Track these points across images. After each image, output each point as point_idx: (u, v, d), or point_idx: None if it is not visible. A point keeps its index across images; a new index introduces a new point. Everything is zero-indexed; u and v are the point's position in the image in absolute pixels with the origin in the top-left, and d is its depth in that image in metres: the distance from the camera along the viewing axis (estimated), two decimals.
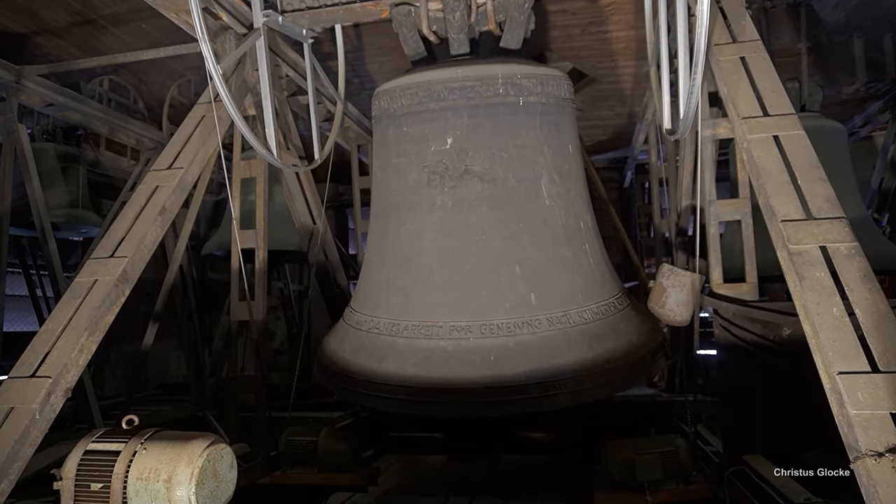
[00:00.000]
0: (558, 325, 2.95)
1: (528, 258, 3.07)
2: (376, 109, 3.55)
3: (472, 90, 3.21)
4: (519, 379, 2.79)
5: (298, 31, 3.63)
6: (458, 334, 2.92)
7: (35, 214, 5.12)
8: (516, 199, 3.16)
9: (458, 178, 3.16)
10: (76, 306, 2.72)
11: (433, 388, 2.87)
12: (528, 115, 3.25)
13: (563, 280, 3.11)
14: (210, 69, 2.73)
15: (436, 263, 3.12)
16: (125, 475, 2.22)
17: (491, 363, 2.82)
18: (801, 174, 2.53)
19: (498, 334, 2.90)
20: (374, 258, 3.49)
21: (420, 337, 2.99)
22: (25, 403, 2.42)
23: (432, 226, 3.17)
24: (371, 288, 3.41)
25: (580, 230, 3.29)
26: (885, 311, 2.10)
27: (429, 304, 3.07)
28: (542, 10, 4.86)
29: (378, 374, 2.97)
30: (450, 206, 3.16)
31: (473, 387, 2.82)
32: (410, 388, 2.88)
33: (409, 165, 3.31)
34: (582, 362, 2.84)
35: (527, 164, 3.22)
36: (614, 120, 7.35)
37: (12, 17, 5.15)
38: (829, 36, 5.39)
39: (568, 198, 3.28)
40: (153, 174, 3.23)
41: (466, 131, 3.21)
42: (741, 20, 3.11)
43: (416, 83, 3.32)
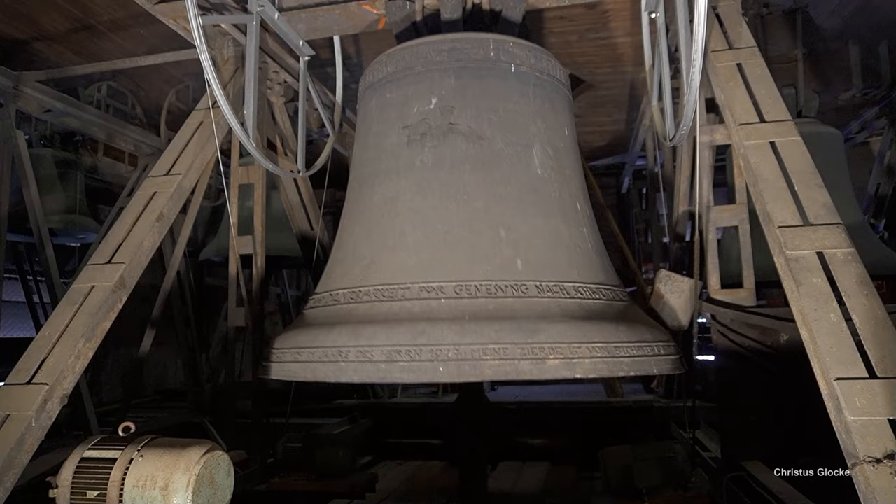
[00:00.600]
0: (550, 295, 2.46)
1: (516, 224, 2.62)
2: (361, 86, 3.27)
3: (462, 52, 2.93)
4: (499, 339, 2.28)
5: (295, 40, 3.64)
6: (428, 294, 2.43)
7: (32, 220, 5.12)
8: (504, 162, 2.75)
9: (440, 137, 2.78)
10: (73, 312, 2.72)
11: (393, 351, 2.34)
12: (521, 83, 2.96)
13: (556, 253, 2.65)
14: (208, 75, 2.74)
15: (409, 225, 2.66)
16: (121, 483, 2.21)
17: (466, 323, 2.32)
18: (798, 180, 2.54)
19: (476, 295, 2.40)
20: (341, 235, 3.04)
21: (382, 300, 2.50)
22: (21, 410, 2.41)
23: (409, 187, 2.75)
24: (335, 265, 2.95)
25: (577, 211, 2.89)
26: (882, 316, 2.10)
27: (396, 267, 2.58)
28: (540, 16, 4.88)
29: (328, 343, 2.43)
30: (430, 165, 2.75)
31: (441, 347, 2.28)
32: (364, 351, 2.36)
33: (390, 130, 2.95)
34: (578, 331, 2.32)
35: (518, 129, 2.84)
36: (612, 126, 7.38)
37: (11, 22, 5.16)
38: (826, 42, 5.43)
39: (563, 175, 2.91)
40: (151, 180, 3.23)
41: (453, 91, 2.86)
42: (737, 27, 3.12)
43: (403, 48, 3.06)
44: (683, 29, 2.69)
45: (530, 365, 2.20)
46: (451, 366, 2.21)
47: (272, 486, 3.80)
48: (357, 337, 2.36)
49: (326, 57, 4.59)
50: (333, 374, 2.35)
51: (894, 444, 1.82)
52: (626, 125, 7.25)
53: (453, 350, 2.22)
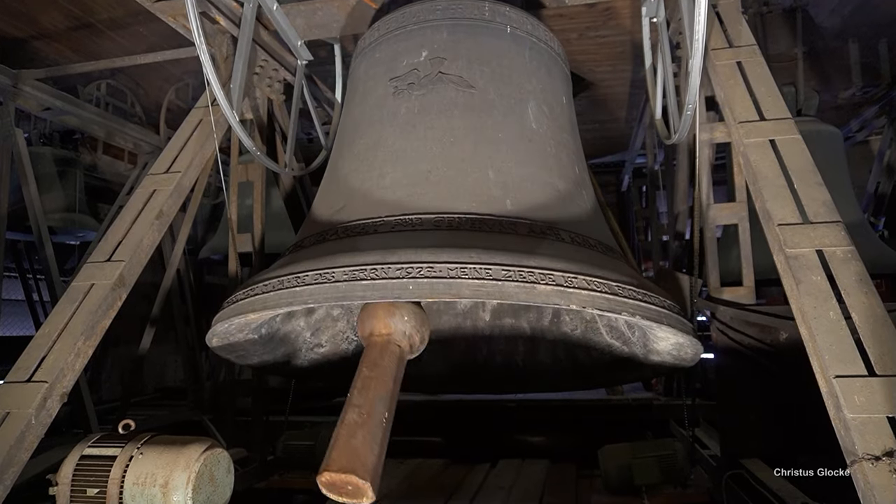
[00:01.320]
0: (541, 234, 2.21)
1: (507, 168, 2.42)
2: (354, 55, 3.13)
3: (456, 10, 2.81)
4: (483, 259, 1.96)
5: (294, 40, 3.64)
6: (404, 227, 2.21)
7: (32, 218, 5.12)
8: (496, 111, 2.56)
9: (429, 86, 2.60)
10: (73, 310, 2.72)
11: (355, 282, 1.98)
12: (516, 43, 2.81)
13: (551, 202, 2.41)
14: (207, 73, 2.74)
15: (388, 166, 2.46)
16: (121, 480, 2.22)
17: (444, 246, 2.02)
18: (798, 178, 2.54)
19: (458, 227, 2.16)
20: (318, 194, 2.83)
21: (352, 235, 2.26)
22: (21, 408, 2.41)
23: (392, 132, 2.56)
24: (305, 222, 2.76)
25: (575, 172, 2.65)
26: (881, 314, 2.10)
27: (371, 205, 2.34)
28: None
29: (283, 273, 2.12)
30: (416, 111, 2.57)
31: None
32: (334, 280, 2.00)
33: (377, 85, 2.76)
34: (575, 266, 1.98)
35: (511, 83, 2.67)
36: (612, 124, 7.37)
37: (10, 21, 5.15)
38: (825, 41, 5.43)
39: (560, 137, 2.70)
40: (150, 178, 3.22)
41: (444, 44, 2.71)
42: (737, 25, 3.12)
43: (396, 11, 2.95)
44: (688, 28, 2.69)
45: (517, 288, 1.87)
46: (423, 283, 1.88)
47: (272, 483, 3.81)
48: (317, 262, 2.06)
49: (326, 55, 4.59)
50: (287, 300, 2.02)
51: (893, 442, 1.82)
52: (626, 123, 7.25)
53: (427, 268, 1.91)
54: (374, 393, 1.96)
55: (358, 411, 1.88)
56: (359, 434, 1.81)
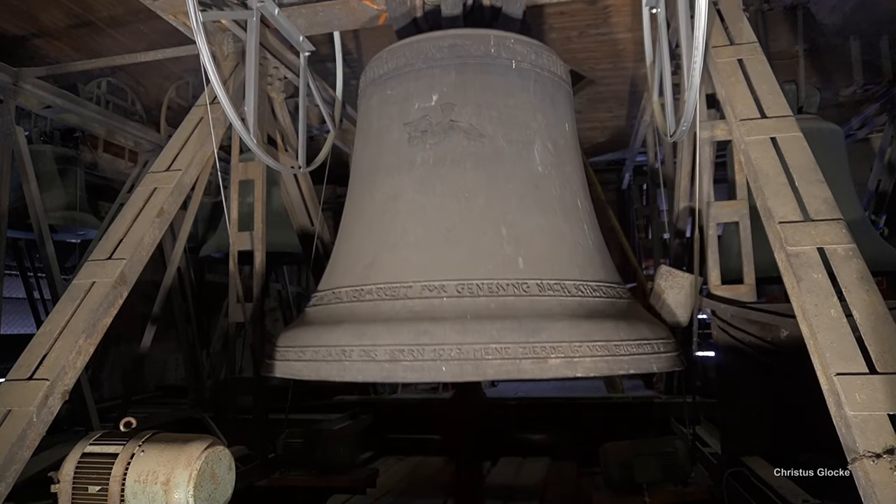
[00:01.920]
0: (551, 293, 2.48)
1: (517, 221, 2.64)
2: (363, 82, 3.27)
3: (462, 48, 2.92)
4: (500, 339, 2.30)
5: (295, 36, 3.63)
6: (430, 293, 2.45)
7: (32, 216, 5.12)
8: (505, 159, 2.77)
9: (441, 134, 2.79)
10: (74, 308, 2.72)
11: (397, 350, 2.36)
12: (521, 79, 2.95)
13: (557, 250, 2.66)
14: (208, 71, 2.73)
15: (410, 223, 2.69)
16: (123, 477, 2.22)
17: (468, 322, 2.33)
18: (799, 176, 2.54)
19: (477, 294, 2.41)
20: (344, 232, 3.05)
21: (385, 298, 2.52)
22: (23, 406, 2.42)
23: (410, 184, 2.77)
24: (337, 262, 2.96)
25: (577, 207, 2.89)
26: (882, 312, 2.10)
27: (398, 265, 2.60)
28: (541, 12, 4.87)
29: (332, 342, 2.45)
30: (431, 162, 2.77)
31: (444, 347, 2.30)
32: (368, 350, 2.38)
33: (390, 126, 2.95)
34: (579, 330, 2.32)
35: (518, 125, 2.86)
36: (612, 122, 7.37)
37: (10, 19, 5.15)
38: (827, 38, 5.42)
39: (564, 172, 2.92)
40: (151, 176, 3.22)
41: (454, 88, 2.88)
42: (738, 22, 3.11)
43: (403, 44, 3.06)
44: (684, 25, 2.68)
45: (532, 364, 2.22)
46: (454, 365, 2.23)
47: (273, 481, 3.81)
48: (360, 336, 2.39)
49: (326, 52, 4.58)
50: (337, 373, 2.38)
51: (894, 439, 1.83)
52: (626, 121, 7.24)
53: (456, 349, 2.25)
54: None
55: None
56: None
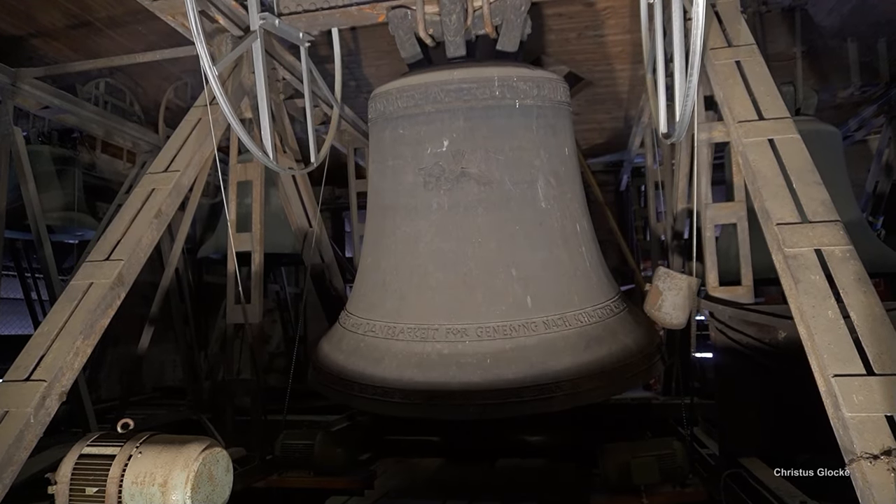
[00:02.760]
0: (555, 329, 2.95)
1: (524, 261, 3.07)
2: (372, 112, 3.54)
3: (469, 92, 3.21)
4: (516, 381, 2.80)
5: (295, 34, 3.63)
6: (455, 337, 2.93)
7: (30, 217, 5.11)
8: (512, 202, 3.15)
9: (454, 181, 3.16)
10: (71, 309, 2.71)
11: (430, 391, 2.89)
12: (525, 117, 3.25)
13: (559, 283, 3.11)
14: (206, 72, 2.73)
15: (432, 265, 3.12)
16: (120, 479, 2.21)
17: (487, 366, 2.83)
18: (797, 178, 2.54)
19: (494, 337, 2.91)
20: (370, 261, 3.47)
21: (416, 339, 2.99)
22: (20, 407, 2.41)
23: (429, 228, 3.18)
24: (367, 291, 3.40)
25: (576, 233, 3.28)
26: (879, 313, 2.11)
27: (425, 307, 3.07)
28: (539, 14, 4.87)
29: (375, 378, 2.98)
30: (446, 208, 3.16)
31: (470, 389, 2.84)
32: (407, 391, 2.90)
33: (405, 168, 3.30)
34: (579, 365, 2.84)
35: (523, 166, 3.21)
36: (610, 123, 7.37)
37: (8, 19, 5.14)
38: (824, 40, 5.42)
39: (564, 200, 3.28)
40: (149, 177, 3.22)
41: (462, 133, 3.21)
42: (736, 24, 3.12)
43: (412, 85, 3.32)
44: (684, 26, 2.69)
45: (542, 404, 2.80)
46: (479, 408, 2.81)
47: (271, 482, 3.80)
48: (400, 379, 2.92)
49: (325, 54, 4.58)
50: (380, 409, 3.00)
51: (891, 441, 1.83)
52: (624, 123, 7.24)
53: (479, 396, 2.76)
54: None
55: None
56: None
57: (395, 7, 3.43)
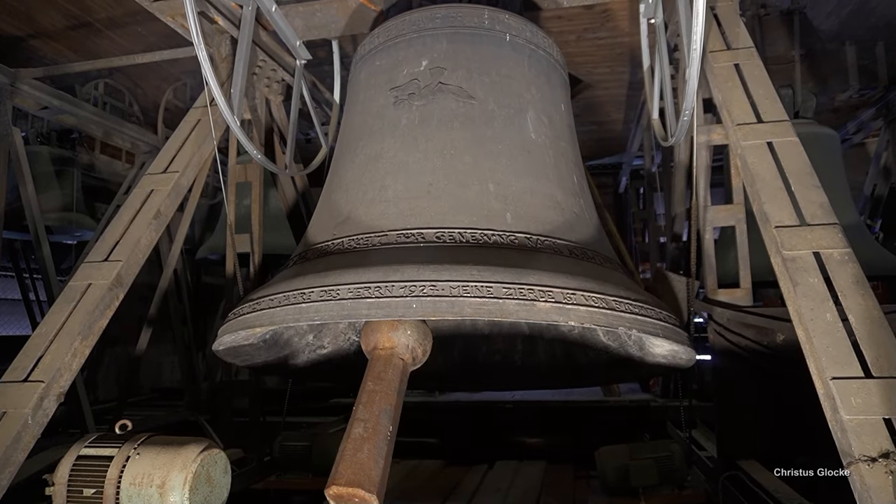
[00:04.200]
0: (540, 246, 2.29)
1: (507, 180, 2.48)
2: (353, 63, 3.18)
3: (456, 18, 2.85)
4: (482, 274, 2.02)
5: (293, 41, 3.63)
6: (406, 240, 2.27)
7: (29, 218, 5.11)
8: (496, 122, 2.61)
9: (429, 96, 2.65)
10: (70, 310, 2.71)
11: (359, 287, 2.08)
12: (515, 52, 2.86)
13: (550, 213, 2.47)
14: (205, 73, 2.73)
15: (390, 178, 2.51)
16: (118, 480, 2.21)
17: (445, 266, 2.06)
18: (795, 180, 2.55)
19: (459, 241, 2.23)
20: (320, 202, 2.88)
21: (356, 247, 2.33)
22: (18, 408, 2.41)
23: (393, 144, 2.61)
24: (308, 231, 2.79)
25: (573, 182, 2.72)
26: (878, 316, 2.11)
27: (373, 218, 2.41)
28: (538, 16, 4.88)
29: (289, 288, 2.18)
30: (416, 122, 2.62)
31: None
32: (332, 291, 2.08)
33: (377, 94, 2.82)
34: (573, 280, 2.04)
35: (511, 93, 2.73)
36: (610, 125, 7.39)
37: (7, 19, 5.14)
38: (823, 43, 5.44)
39: (559, 146, 2.77)
40: (148, 178, 3.22)
41: (444, 54, 2.76)
42: (735, 27, 3.13)
43: (396, 18, 2.99)
44: (683, 28, 2.69)
45: (517, 305, 1.92)
46: (426, 302, 1.93)
47: (269, 484, 3.81)
48: (323, 278, 2.12)
49: (325, 55, 4.59)
50: (293, 316, 2.08)
51: (889, 444, 1.83)
52: (623, 125, 7.26)
53: (429, 287, 1.96)
54: (378, 407, 2.01)
55: (363, 425, 1.94)
56: (364, 448, 1.89)
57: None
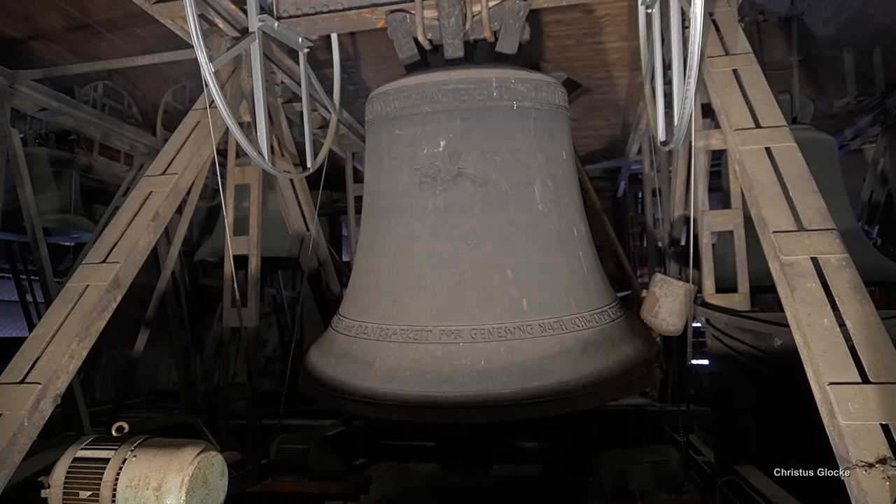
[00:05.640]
0: (550, 332, 2.91)
1: (521, 263, 3.03)
2: (369, 113, 3.53)
3: (466, 93, 3.19)
4: (511, 384, 2.77)
5: (294, 39, 3.64)
6: (448, 339, 2.87)
7: (26, 219, 5.10)
8: (509, 203, 3.11)
9: (450, 182, 3.12)
10: (67, 312, 2.70)
11: (422, 394, 2.84)
12: (522, 119, 3.23)
13: (555, 286, 3.07)
14: (205, 75, 2.73)
15: (426, 267, 3.06)
16: (114, 483, 2.20)
17: (482, 368, 2.79)
18: (793, 186, 2.55)
19: (489, 339, 2.86)
20: (363, 262, 3.43)
21: (409, 341, 2.94)
22: (14, 410, 2.40)
23: (424, 229, 3.12)
24: (360, 293, 3.36)
25: (573, 237, 3.24)
26: (875, 322, 2.11)
27: (418, 308, 3.02)
28: (538, 20, 4.89)
29: (366, 379, 2.92)
30: (442, 209, 3.11)
31: (465, 391, 2.80)
32: (398, 393, 2.86)
33: (401, 168, 3.27)
34: (575, 370, 2.81)
35: (520, 168, 3.18)
36: (608, 130, 7.39)
37: (7, 21, 5.14)
38: (820, 50, 5.46)
39: (561, 204, 3.25)
40: (147, 180, 3.22)
41: (459, 134, 3.18)
42: (734, 33, 3.14)
43: (409, 86, 3.30)
44: (675, 35, 2.70)
45: (536, 408, 2.74)
46: (468, 412, 2.74)
47: (266, 487, 3.79)
48: (391, 382, 2.84)
49: (324, 58, 4.59)
50: (370, 411, 2.90)
51: (887, 449, 1.83)
52: (622, 129, 7.26)
53: (473, 398, 2.72)
54: None
55: None
56: None
57: (393, 11, 3.44)
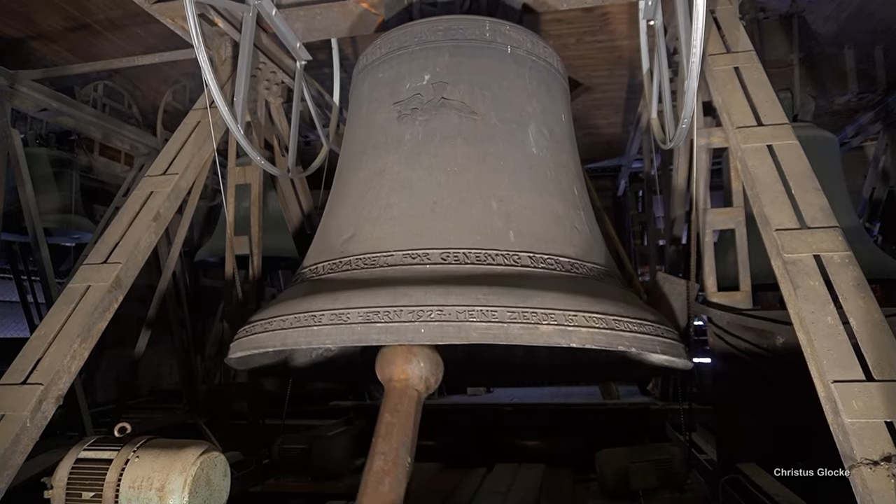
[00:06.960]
0: (544, 266, 2.34)
1: (509, 197, 2.52)
2: (355, 72, 3.21)
3: (458, 31, 2.86)
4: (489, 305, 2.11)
5: (293, 42, 3.63)
6: (412, 260, 2.31)
7: (27, 219, 5.10)
8: (498, 137, 2.65)
9: (432, 112, 2.68)
10: (69, 312, 2.70)
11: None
12: (517, 64, 2.88)
13: (552, 229, 2.52)
14: (205, 75, 2.73)
15: (395, 196, 2.55)
16: (117, 483, 2.20)
17: (451, 286, 2.16)
18: (795, 183, 2.55)
19: (464, 262, 2.27)
20: (326, 214, 2.92)
21: (363, 267, 2.38)
22: (16, 410, 2.40)
23: (397, 160, 2.64)
24: (315, 243, 2.86)
25: (574, 194, 2.78)
26: (878, 319, 2.11)
27: (379, 237, 2.46)
28: (538, 19, 4.89)
29: (300, 309, 2.25)
30: (420, 138, 2.65)
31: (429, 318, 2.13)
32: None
33: (380, 107, 2.84)
34: (575, 301, 2.13)
35: (513, 107, 2.76)
36: (608, 128, 7.39)
37: (7, 21, 5.14)
38: (822, 47, 5.45)
39: (560, 158, 2.82)
40: (147, 180, 3.22)
41: (447, 67, 2.78)
42: (735, 31, 3.13)
43: (398, 29, 3.01)
44: (683, 31, 2.69)
45: (521, 329, 2.01)
46: (434, 327, 2.01)
47: (268, 487, 3.80)
48: (333, 301, 2.18)
49: (324, 58, 4.59)
50: (304, 338, 2.16)
51: (891, 447, 1.83)
52: (622, 128, 7.27)
53: (437, 311, 2.03)
54: (397, 439, 2.12)
55: (383, 458, 2.08)
56: (385, 481, 2.04)
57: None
